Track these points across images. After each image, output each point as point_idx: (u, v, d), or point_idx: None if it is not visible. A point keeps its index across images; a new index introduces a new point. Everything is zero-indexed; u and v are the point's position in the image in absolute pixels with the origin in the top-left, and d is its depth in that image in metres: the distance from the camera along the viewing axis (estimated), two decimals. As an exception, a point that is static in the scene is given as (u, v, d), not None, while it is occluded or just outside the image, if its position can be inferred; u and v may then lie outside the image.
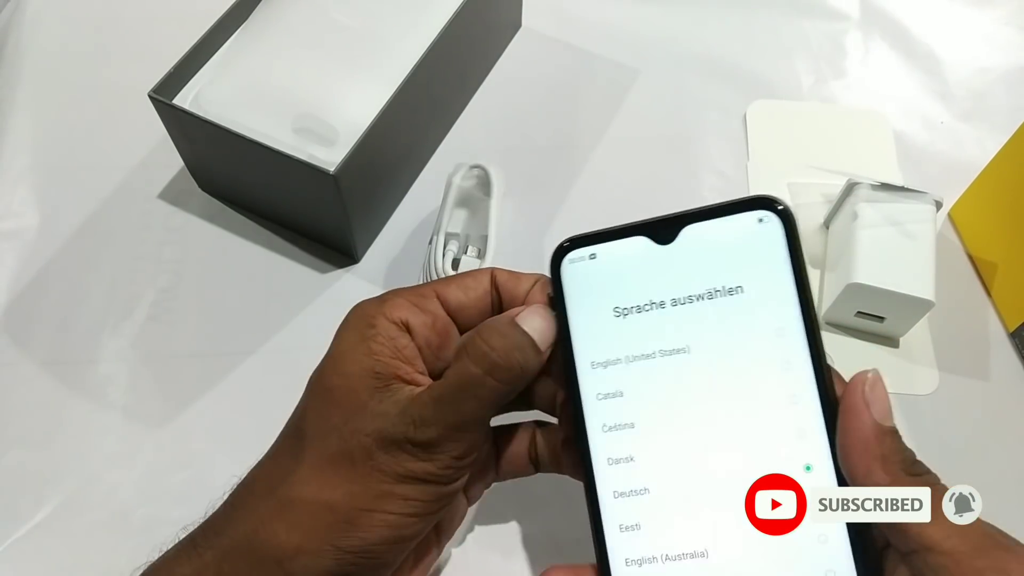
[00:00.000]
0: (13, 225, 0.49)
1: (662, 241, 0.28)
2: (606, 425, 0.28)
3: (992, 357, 0.46)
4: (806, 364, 0.27)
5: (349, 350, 0.28)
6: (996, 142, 0.47)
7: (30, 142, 0.53)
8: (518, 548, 0.40)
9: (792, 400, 0.27)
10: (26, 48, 0.57)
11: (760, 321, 0.27)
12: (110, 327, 0.46)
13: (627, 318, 0.28)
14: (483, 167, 0.46)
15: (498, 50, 0.58)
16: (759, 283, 0.27)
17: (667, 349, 0.28)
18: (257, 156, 0.42)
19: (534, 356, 0.28)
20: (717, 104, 0.56)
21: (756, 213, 0.27)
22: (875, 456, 0.25)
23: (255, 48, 0.48)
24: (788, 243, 0.27)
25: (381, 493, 0.27)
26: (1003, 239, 0.47)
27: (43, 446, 0.42)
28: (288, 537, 0.27)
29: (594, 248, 0.29)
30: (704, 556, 0.27)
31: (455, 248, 0.45)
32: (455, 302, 0.30)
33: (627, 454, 0.28)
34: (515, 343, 0.28)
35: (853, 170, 0.48)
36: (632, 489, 0.28)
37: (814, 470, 0.26)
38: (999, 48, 0.59)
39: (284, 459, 0.28)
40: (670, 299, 0.28)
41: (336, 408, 0.28)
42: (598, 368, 0.29)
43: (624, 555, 0.27)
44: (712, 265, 0.28)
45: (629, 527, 0.27)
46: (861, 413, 0.25)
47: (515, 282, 0.30)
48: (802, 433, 0.26)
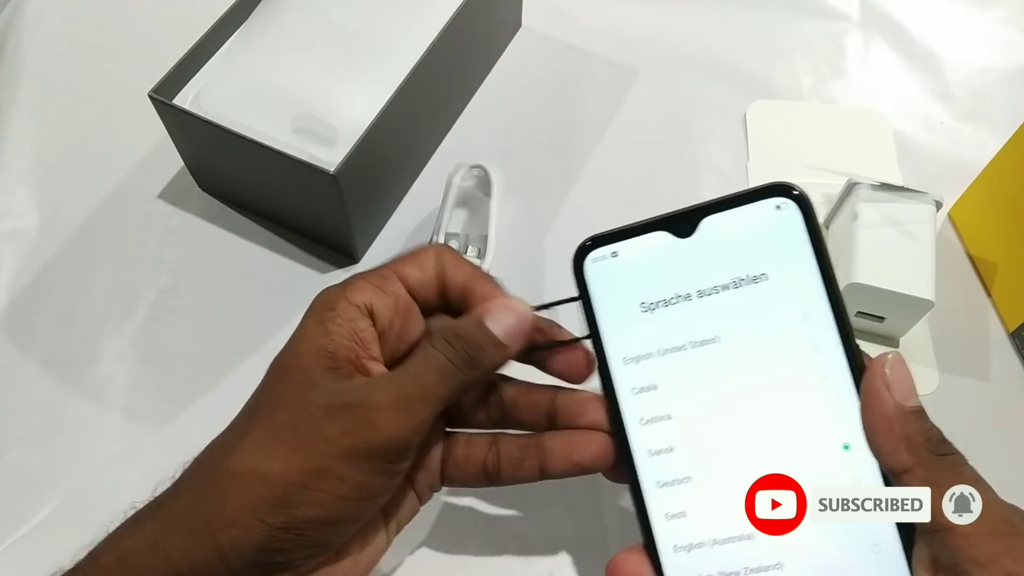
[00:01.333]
0: (13, 225, 0.49)
1: (682, 234, 0.29)
2: (643, 418, 0.29)
3: (992, 357, 0.46)
4: (836, 345, 0.27)
5: (307, 332, 0.29)
6: (996, 142, 0.47)
7: (30, 142, 0.53)
8: (517, 548, 0.40)
9: (825, 381, 0.27)
10: (26, 48, 0.57)
11: (787, 306, 0.28)
12: (110, 327, 0.46)
13: (655, 312, 0.29)
14: (483, 167, 0.46)
15: (498, 50, 0.58)
16: (782, 269, 0.28)
17: (697, 340, 0.28)
18: (257, 156, 0.42)
19: (494, 353, 0.29)
20: (717, 104, 0.56)
21: (773, 200, 0.28)
22: (899, 438, 0.25)
23: (255, 48, 0.48)
24: (807, 227, 0.27)
25: (318, 468, 0.26)
26: (1003, 239, 0.47)
27: (43, 446, 0.42)
28: (222, 509, 0.27)
29: (615, 246, 0.30)
30: (751, 538, 0.27)
31: (455, 248, 0.45)
32: (414, 280, 0.30)
33: (667, 445, 0.28)
34: (478, 340, 0.28)
35: (853, 170, 0.48)
36: (675, 478, 0.28)
37: (852, 448, 0.27)
38: (999, 48, 0.59)
39: (232, 434, 0.29)
40: (696, 291, 0.28)
41: (288, 384, 0.28)
42: (630, 363, 0.29)
43: (672, 542, 0.28)
44: (734, 254, 0.28)
45: (675, 515, 0.28)
46: (882, 395, 0.25)
47: (456, 266, 0.31)
48: (837, 413, 0.27)
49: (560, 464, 0.30)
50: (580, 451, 0.30)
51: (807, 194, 0.28)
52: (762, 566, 0.27)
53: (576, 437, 0.30)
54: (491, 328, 0.28)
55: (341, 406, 0.27)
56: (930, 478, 0.25)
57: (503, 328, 0.29)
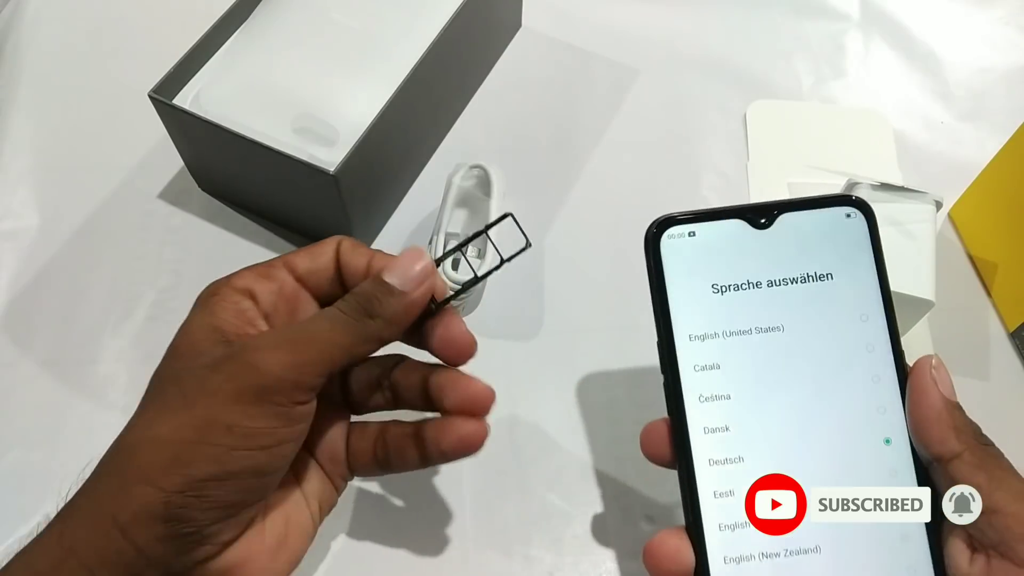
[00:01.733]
0: (13, 225, 0.49)
1: (759, 226, 0.31)
2: (703, 396, 0.30)
3: (992, 357, 0.46)
4: (887, 347, 0.30)
5: (193, 316, 0.29)
6: (996, 142, 0.47)
7: (30, 142, 0.53)
8: (518, 548, 0.40)
9: (875, 379, 0.30)
10: (26, 48, 0.57)
11: (847, 306, 0.30)
12: (110, 327, 0.46)
13: (725, 295, 0.30)
14: (483, 167, 0.46)
15: (498, 50, 0.58)
16: (846, 271, 0.30)
17: (763, 327, 0.30)
18: (257, 156, 0.42)
19: (391, 301, 0.29)
20: (717, 104, 0.56)
21: (845, 208, 0.31)
22: (949, 427, 0.28)
23: (255, 48, 0.48)
24: (871, 237, 0.30)
25: (205, 421, 0.26)
26: (1003, 239, 0.47)
27: (43, 446, 0.42)
28: (119, 487, 0.26)
29: (694, 226, 0.31)
30: None
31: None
32: (303, 268, 0.31)
33: (723, 424, 0.29)
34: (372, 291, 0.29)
35: (853, 170, 0.48)
36: (727, 457, 0.29)
37: (893, 443, 0.29)
38: (999, 48, 0.59)
39: (130, 419, 0.28)
40: (766, 280, 0.30)
41: (178, 360, 0.28)
42: (695, 341, 0.30)
43: (717, 520, 0.29)
44: (806, 252, 0.30)
45: (723, 494, 0.29)
46: (931, 390, 0.28)
47: (353, 253, 0.31)
48: (883, 409, 0.29)
49: (434, 452, 0.31)
50: (447, 438, 0.31)
51: (873, 209, 0.31)
52: (802, 548, 0.28)
53: (444, 424, 0.31)
54: (387, 279, 0.29)
55: (224, 357, 0.27)
56: (977, 462, 0.27)
57: (400, 276, 0.29)
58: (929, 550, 0.28)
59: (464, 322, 0.32)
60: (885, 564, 0.28)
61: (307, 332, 0.28)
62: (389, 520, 0.40)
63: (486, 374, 0.31)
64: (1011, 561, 0.25)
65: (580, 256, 0.49)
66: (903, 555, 0.28)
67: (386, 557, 0.39)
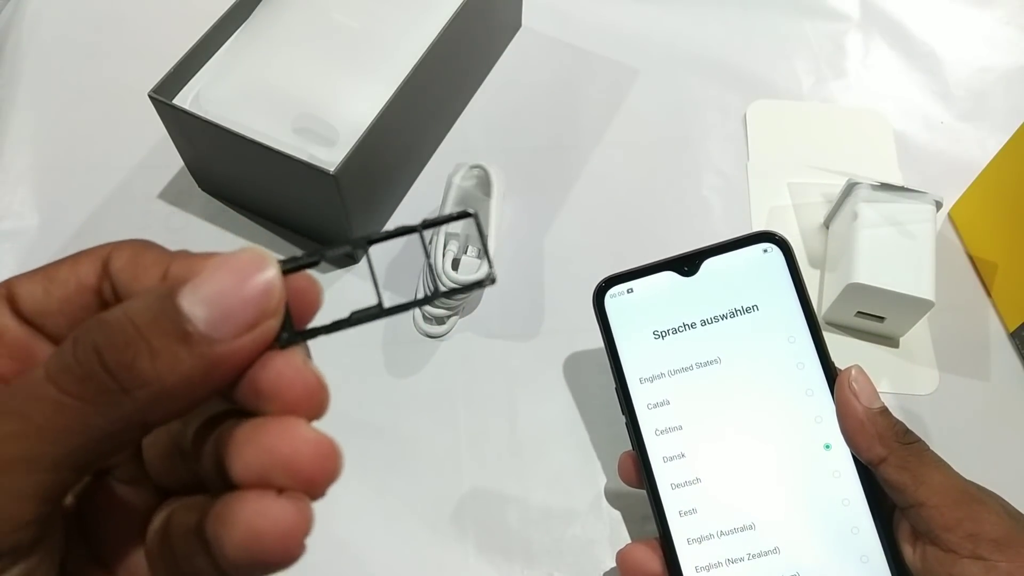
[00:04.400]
0: (13, 225, 0.49)
1: (686, 274, 0.35)
2: (658, 429, 0.33)
3: (992, 357, 0.46)
4: (815, 363, 0.33)
5: None
6: (996, 142, 0.47)
7: (30, 142, 0.53)
8: (518, 548, 0.40)
9: (808, 393, 0.33)
10: (26, 48, 0.57)
11: (775, 332, 0.33)
12: (110, 327, 0.46)
13: (665, 339, 0.34)
14: (483, 167, 0.46)
15: (498, 50, 0.58)
16: (770, 301, 0.34)
17: (702, 361, 0.34)
18: (257, 156, 0.42)
19: (180, 355, 0.16)
20: (717, 104, 0.56)
21: (761, 245, 0.34)
22: (872, 435, 0.30)
23: (255, 48, 0.48)
24: (789, 267, 0.34)
25: None
26: (1003, 239, 0.47)
27: (43, 446, 0.42)
28: None
29: (630, 283, 0.35)
30: (752, 528, 0.32)
31: (455, 248, 0.45)
32: (31, 304, 0.18)
33: (679, 451, 0.33)
34: (148, 335, 0.16)
35: (853, 170, 0.48)
36: (686, 480, 0.33)
37: (832, 448, 0.32)
38: (999, 48, 0.59)
39: None
40: (699, 320, 0.34)
41: None
42: (646, 383, 0.34)
43: (686, 535, 0.32)
44: (730, 289, 0.34)
45: (687, 512, 0.32)
46: (851, 402, 0.31)
47: (137, 267, 0.19)
48: (819, 419, 0.32)
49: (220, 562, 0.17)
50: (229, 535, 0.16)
51: (788, 240, 0.34)
52: (762, 551, 0.31)
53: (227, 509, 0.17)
54: (185, 306, 0.16)
55: None
56: (901, 463, 0.30)
57: (214, 305, 0.16)
58: (879, 539, 0.31)
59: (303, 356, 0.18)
60: (840, 555, 0.31)
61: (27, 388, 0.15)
62: (389, 521, 0.40)
63: (486, 374, 0.31)
64: (939, 548, 0.28)
65: (580, 256, 0.49)
66: (855, 546, 0.31)
67: (385, 558, 0.39)
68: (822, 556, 0.31)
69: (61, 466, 0.15)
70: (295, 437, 0.16)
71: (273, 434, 0.16)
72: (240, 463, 0.16)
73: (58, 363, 0.15)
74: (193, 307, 0.16)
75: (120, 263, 0.19)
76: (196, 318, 0.16)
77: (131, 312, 0.16)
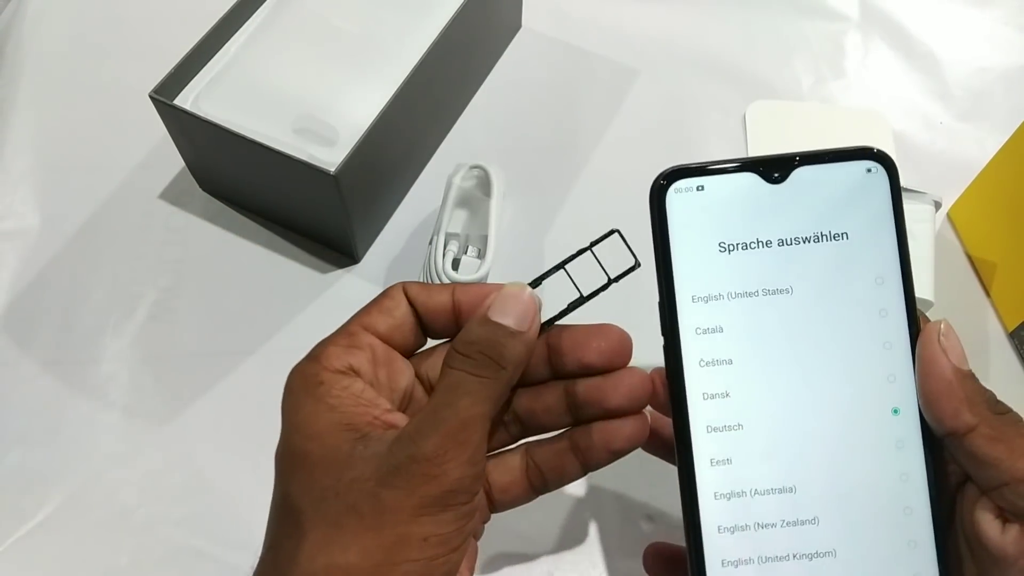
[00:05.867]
0: (14, 225, 0.49)
1: (773, 180, 0.29)
2: (703, 360, 0.28)
3: (991, 357, 0.46)
4: (901, 314, 0.28)
5: (308, 415, 0.26)
6: (995, 142, 0.47)
7: (31, 142, 0.53)
8: (518, 548, 0.40)
9: (886, 346, 0.28)
10: (27, 48, 0.57)
11: (862, 269, 0.28)
12: (111, 327, 0.46)
13: (732, 254, 0.29)
14: (483, 167, 0.46)
15: (498, 51, 0.58)
16: (863, 231, 0.28)
17: (770, 288, 0.28)
18: (258, 156, 0.43)
19: (514, 343, 0.27)
20: (717, 104, 0.56)
21: (865, 163, 0.29)
22: (960, 399, 0.26)
23: (256, 49, 0.48)
24: (892, 195, 0.29)
25: (398, 539, 0.24)
26: (1002, 239, 0.47)
27: (44, 445, 0.42)
28: None
29: (703, 179, 0.29)
30: (792, 491, 0.28)
31: (455, 248, 0.45)
32: (384, 328, 0.29)
33: (723, 389, 0.28)
34: (492, 337, 0.27)
35: (852, 170, 0.48)
36: (726, 424, 0.28)
37: (901, 413, 0.28)
38: (998, 48, 0.59)
39: (284, 545, 0.26)
40: (777, 239, 0.29)
41: (320, 471, 0.25)
42: (699, 302, 0.29)
43: (713, 488, 0.28)
44: (820, 209, 0.29)
45: (720, 461, 0.28)
46: (939, 360, 0.27)
47: (427, 294, 0.29)
48: (893, 378, 0.28)
49: (601, 456, 0.29)
50: (617, 439, 0.29)
51: (896, 164, 0.28)
52: (799, 520, 0.28)
53: (608, 426, 0.29)
54: (500, 320, 0.27)
55: (392, 471, 0.25)
56: (995, 435, 0.26)
57: (512, 315, 0.27)
58: (936, 558, 0.27)
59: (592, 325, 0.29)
60: (887, 538, 0.28)
61: (458, 417, 0.25)
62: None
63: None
64: None
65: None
66: (905, 528, 0.28)
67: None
68: (866, 537, 0.28)
69: (488, 417, 0.26)
70: (638, 376, 0.29)
71: (629, 379, 0.29)
72: (614, 402, 0.29)
73: (468, 362, 0.26)
74: (504, 319, 0.27)
75: (415, 292, 0.29)
76: (508, 323, 0.27)
77: (477, 333, 0.27)
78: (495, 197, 0.46)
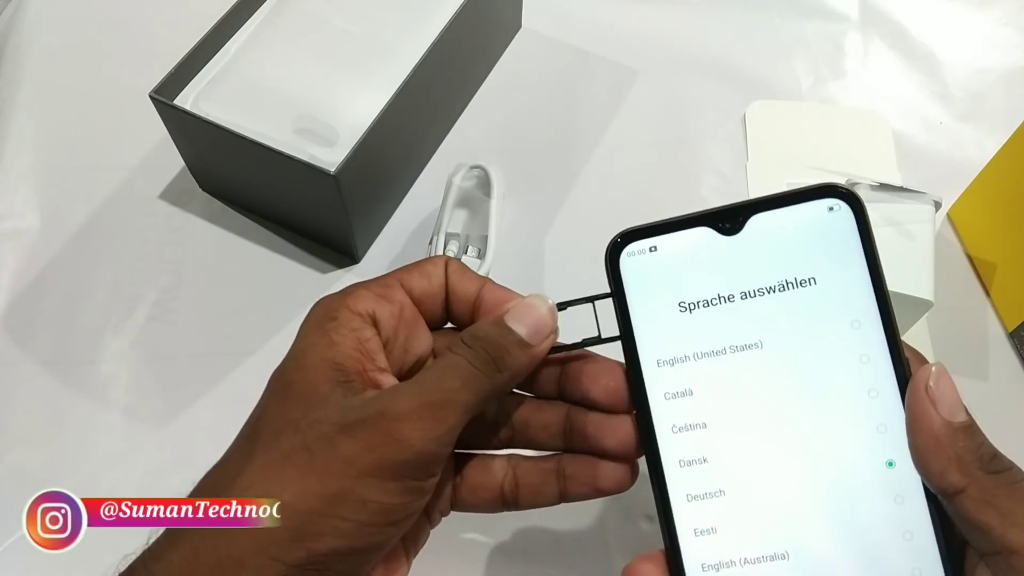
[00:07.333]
0: (14, 225, 0.49)
1: (727, 232, 0.27)
2: (676, 426, 0.27)
3: (991, 357, 0.46)
4: (884, 357, 0.26)
5: (309, 344, 0.26)
6: (995, 142, 0.47)
7: (31, 142, 0.53)
8: (518, 548, 0.40)
9: (872, 394, 0.26)
10: (27, 48, 0.57)
11: (835, 313, 0.26)
12: (111, 327, 0.46)
13: (694, 313, 0.27)
14: (483, 167, 0.46)
15: (498, 51, 0.58)
16: (832, 274, 0.27)
17: (738, 345, 0.27)
18: (258, 156, 0.43)
19: (519, 353, 0.26)
20: (716, 105, 0.56)
21: (826, 201, 0.27)
22: (949, 457, 0.24)
23: (256, 49, 0.48)
24: (860, 231, 0.27)
25: (338, 492, 0.24)
26: (1002, 239, 0.47)
27: (45, 445, 0.42)
28: (227, 551, 0.23)
29: (655, 240, 0.28)
30: (785, 558, 0.26)
31: (455, 248, 0.45)
32: (419, 290, 0.28)
33: (700, 455, 0.27)
34: (499, 341, 0.26)
35: (852, 170, 0.48)
36: (707, 492, 0.26)
37: (896, 466, 0.25)
38: (998, 49, 0.60)
39: (233, 463, 0.25)
40: (739, 292, 0.27)
41: (294, 402, 0.25)
42: (664, 366, 0.27)
43: (700, 560, 0.26)
44: (782, 256, 0.27)
45: (705, 531, 0.26)
46: (927, 412, 0.24)
47: (462, 277, 0.29)
48: (882, 428, 0.26)
49: (581, 490, 0.29)
50: (604, 478, 0.28)
51: (860, 197, 0.27)
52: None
53: (599, 462, 0.28)
54: (513, 327, 0.26)
55: (357, 421, 0.24)
56: (985, 498, 0.23)
57: (526, 326, 0.27)
58: None
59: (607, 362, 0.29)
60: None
61: (442, 394, 0.25)
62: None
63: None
64: None
65: (580, 256, 0.49)
66: None
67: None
68: None
69: (470, 409, 0.26)
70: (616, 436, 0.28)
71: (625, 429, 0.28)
72: (608, 443, 0.28)
73: (470, 352, 0.26)
74: (519, 327, 0.27)
75: (454, 269, 0.29)
76: (521, 332, 0.27)
77: (486, 331, 0.27)
78: (495, 197, 0.46)
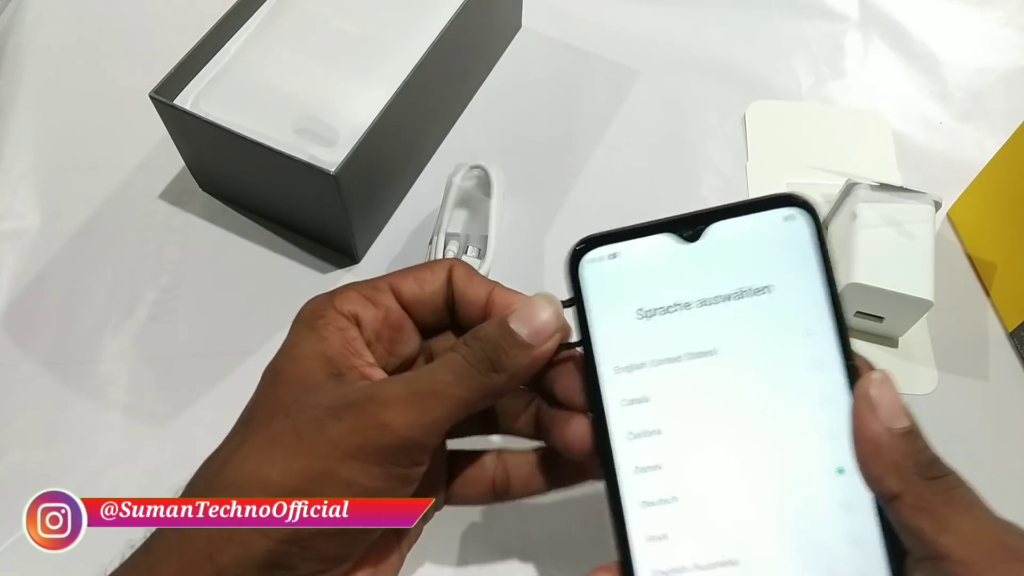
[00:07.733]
0: (14, 225, 0.49)
1: (687, 239, 0.28)
2: (632, 432, 0.27)
3: (991, 357, 0.46)
4: (836, 364, 0.27)
5: (300, 339, 0.28)
6: (995, 142, 0.47)
7: (31, 142, 0.53)
8: (518, 548, 0.40)
9: (823, 401, 0.26)
10: (27, 48, 0.57)
11: (789, 321, 0.27)
12: (111, 327, 0.46)
13: (652, 319, 0.28)
14: (483, 167, 0.46)
15: (498, 51, 0.58)
16: (788, 282, 0.27)
17: (694, 351, 0.27)
18: (258, 156, 0.43)
19: (518, 354, 0.27)
20: (716, 104, 0.56)
21: (783, 211, 0.27)
22: (886, 463, 0.24)
23: (256, 49, 0.48)
24: (816, 240, 0.27)
25: (323, 473, 0.25)
26: (1002, 239, 0.47)
27: (45, 445, 0.42)
28: None
29: (615, 247, 0.28)
30: (735, 564, 0.26)
31: (455, 248, 0.45)
32: (409, 295, 0.29)
33: (654, 462, 0.27)
34: (500, 342, 0.27)
35: (852, 170, 0.48)
36: (660, 498, 0.27)
37: (846, 472, 0.26)
38: (998, 49, 0.60)
39: (228, 446, 0.27)
40: (697, 299, 0.27)
41: (286, 388, 0.27)
42: (622, 373, 0.28)
43: (652, 567, 0.26)
44: (739, 264, 0.27)
45: (657, 537, 0.27)
46: (866, 418, 0.25)
47: (470, 282, 0.29)
48: (833, 435, 0.26)
49: (570, 478, 0.31)
50: (591, 469, 0.29)
51: (817, 206, 0.27)
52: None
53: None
54: (515, 328, 0.27)
55: (346, 405, 0.25)
56: (920, 504, 0.24)
57: (528, 327, 0.27)
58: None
59: None
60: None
61: (432, 385, 0.26)
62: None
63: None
64: None
65: (580, 256, 0.49)
66: None
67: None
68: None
69: (462, 404, 0.26)
70: None
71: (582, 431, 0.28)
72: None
73: (467, 349, 0.27)
74: (520, 327, 0.27)
75: (459, 274, 0.29)
76: (522, 333, 0.27)
77: (487, 332, 0.27)
78: (495, 197, 0.46)
